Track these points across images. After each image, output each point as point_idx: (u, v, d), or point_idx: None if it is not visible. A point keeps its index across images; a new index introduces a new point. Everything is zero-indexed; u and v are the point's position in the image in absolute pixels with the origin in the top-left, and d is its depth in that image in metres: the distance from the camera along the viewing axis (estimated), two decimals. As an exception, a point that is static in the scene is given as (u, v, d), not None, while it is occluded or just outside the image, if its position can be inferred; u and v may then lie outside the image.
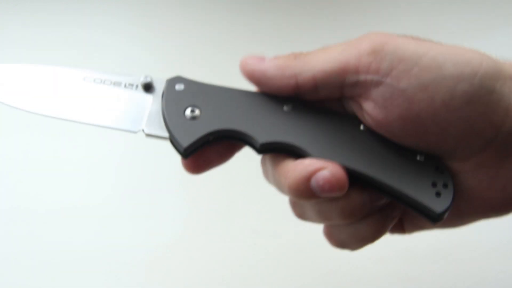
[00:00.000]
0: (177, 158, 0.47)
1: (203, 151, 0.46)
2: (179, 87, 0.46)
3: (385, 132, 0.43)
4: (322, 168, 0.41)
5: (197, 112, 0.45)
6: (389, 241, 0.52)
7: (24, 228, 0.84)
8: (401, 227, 0.50)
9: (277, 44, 1.09)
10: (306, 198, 0.42)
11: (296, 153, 0.44)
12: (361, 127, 0.44)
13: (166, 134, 0.45)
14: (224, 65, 0.83)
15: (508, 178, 0.42)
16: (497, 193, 0.42)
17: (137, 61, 1.06)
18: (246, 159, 0.52)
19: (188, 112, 0.45)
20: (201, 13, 1.19)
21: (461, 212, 0.44)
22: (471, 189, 0.43)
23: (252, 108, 0.45)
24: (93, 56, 1.06)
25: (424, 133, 0.41)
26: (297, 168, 0.42)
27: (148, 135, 0.46)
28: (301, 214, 0.47)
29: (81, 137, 0.95)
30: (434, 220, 0.42)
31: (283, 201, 0.48)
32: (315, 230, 0.51)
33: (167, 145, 0.47)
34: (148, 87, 0.47)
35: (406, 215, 0.48)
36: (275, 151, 0.45)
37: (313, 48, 0.45)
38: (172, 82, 0.46)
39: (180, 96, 0.46)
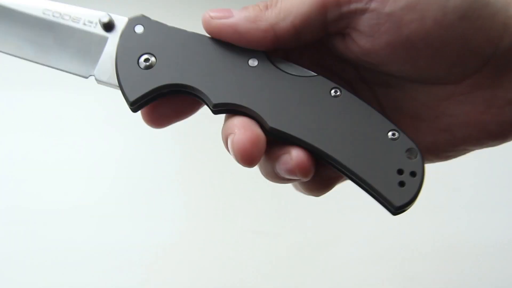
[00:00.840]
0: (177, 158, 0.45)
1: (158, 105, 0.41)
2: (139, 29, 0.41)
3: (374, 60, 0.39)
4: (233, 132, 0.38)
5: (152, 60, 0.40)
6: (389, 241, 0.49)
7: (23, 228, 0.84)
8: None
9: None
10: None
11: (253, 118, 0.39)
12: (332, 92, 0.39)
13: (116, 83, 0.41)
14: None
15: (506, 100, 0.39)
16: (494, 117, 0.39)
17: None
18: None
19: (142, 60, 0.40)
20: (201, 14, 1.19)
21: (455, 139, 0.41)
22: (466, 113, 0.40)
23: (214, 61, 0.40)
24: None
25: (416, 57, 0.38)
26: (223, 125, 0.40)
27: (99, 82, 0.42)
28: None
29: (80, 137, 0.95)
30: (391, 212, 0.37)
31: (283, 201, 0.46)
32: (315, 230, 0.49)
33: (167, 145, 0.45)
34: (108, 26, 0.42)
35: None
36: (230, 113, 0.40)
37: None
38: (133, 22, 0.42)
39: (137, 39, 0.41)
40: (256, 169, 0.46)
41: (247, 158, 0.37)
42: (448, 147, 0.41)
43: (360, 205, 0.86)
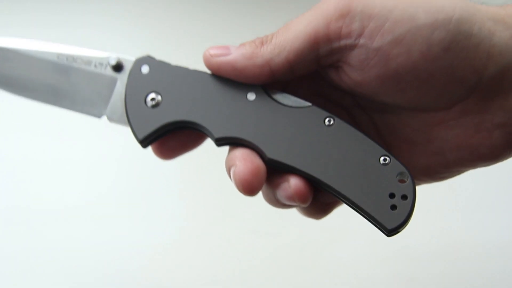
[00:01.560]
0: (176, 159, 0.47)
1: (167, 139, 0.44)
2: (145, 69, 0.44)
3: (365, 91, 0.41)
4: (234, 164, 0.40)
5: (158, 99, 0.43)
6: (389, 241, 0.51)
7: (23, 228, 0.83)
8: None
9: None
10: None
11: (253, 149, 0.42)
12: (326, 121, 0.41)
13: (126, 122, 0.43)
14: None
15: (495, 123, 0.40)
16: (483, 140, 0.41)
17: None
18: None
19: (149, 99, 0.43)
20: (201, 13, 1.17)
21: (447, 162, 0.42)
22: (456, 137, 0.42)
23: (214, 96, 0.42)
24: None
25: (405, 89, 0.40)
26: (226, 157, 0.42)
27: (111, 121, 0.44)
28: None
29: (80, 137, 0.95)
30: (385, 235, 0.39)
31: None
32: (315, 230, 0.50)
33: None
34: (117, 68, 0.44)
35: None
36: (233, 145, 0.42)
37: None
38: (139, 62, 0.44)
39: (144, 79, 0.43)
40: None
41: (248, 188, 0.40)
42: (441, 169, 0.43)
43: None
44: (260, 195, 0.41)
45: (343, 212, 0.48)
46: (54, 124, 0.93)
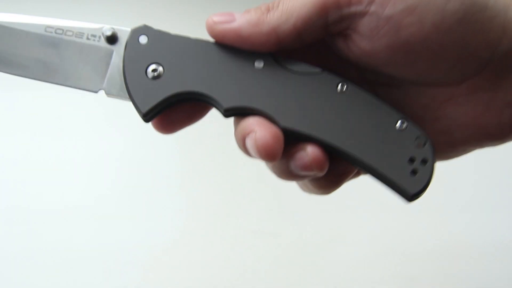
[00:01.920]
0: (177, 158, 0.46)
1: (169, 112, 0.42)
2: (143, 39, 0.41)
3: (374, 62, 0.40)
4: (252, 131, 0.38)
5: (159, 70, 0.41)
6: (389, 241, 0.50)
7: (23, 228, 0.84)
8: None
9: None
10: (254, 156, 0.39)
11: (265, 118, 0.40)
12: (339, 87, 0.40)
13: (127, 95, 0.41)
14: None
15: (506, 102, 0.39)
16: (493, 119, 0.40)
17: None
18: (246, 160, 0.50)
19: (150, 70, 0.41)
20: (201, 14, 1.19)
21: (454, 140, 0.41)
22: (465, 114, 0.40)
23: (220, 66, 0.41)
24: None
25: (415, 60, 0.38)
26: (237, 127, 0.40)
27: (109, 95, 0.42)
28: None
29: (81, 137, 0.95)
30: (407, 200, 0.38)
31: (283, 201, 0.46)
32: (315, 230, 0.49)
33: (167, 144, 0.45)
34: (111, 39, 0.42)
35: None
36: (242, 115, 0.41)
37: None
38: (136, 33, 0.42)
39: (143, 50, 0.41)
40: (255, 169, 0.46)
41: (271, 153, 0.38)
42: (447, 148, 0.42)
43: (360, 205, 0.86)
44: (260, 196, 0.40)
45: (343, 212, 0.46)
46: (54, 124, 0.93)
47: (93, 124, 0.99)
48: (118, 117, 0.87)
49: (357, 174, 0.45)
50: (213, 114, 0.43)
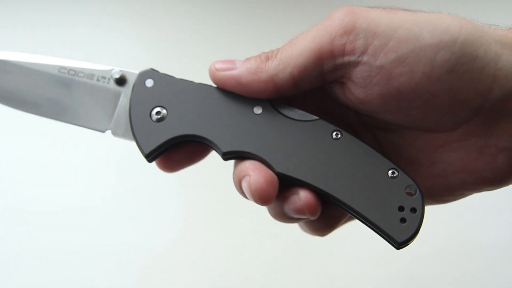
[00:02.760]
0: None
1: (171, 152, 0.44)
2: (149, 83, 0.43)
3: (369, 109, 0.41)
4: (247, 175, 0.40)
5: (163, 112, 0.42)
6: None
7: (23, 228, 0.85)
8: None
9: (277, 43, 1.08)
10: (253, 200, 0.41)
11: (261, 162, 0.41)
12: (333, 135, 0.41)
13: (132, 136, 0.43)
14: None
15: (499, 147, 0.39)
16: (487, 164, 0.40)
17: (137, 61, 1.05)
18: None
19: (154, 113, 0.42)
20: (201, 13, 1.17)
21: (450, 184, 0.42)
22: (460, 160, 0.41)
23: (221, 110, 0.42)
24: (93, 56, 1.06)
25: (407, 108, 0.39)
26: (235, 170, 0.41)
27: (115, 135, 0.44)
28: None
29: (81, 138, 0.95)
30: (395, 247, 0.40)
31: None
32: None
33: None
34: (120, 82, 0.44)
35: None
36: (239, 159, 0.42)
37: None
38: (143, 76, 0.44)
39: (148, 93, 0.43)
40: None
41: (264, 197, 0.39)
42: (444, 192, 0.43)
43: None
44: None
45: None
46: (54, 126, 0.93)
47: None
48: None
49: (351, 218, 0.46)
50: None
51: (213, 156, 0.54)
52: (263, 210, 0.89)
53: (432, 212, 0.92)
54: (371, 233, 0.43)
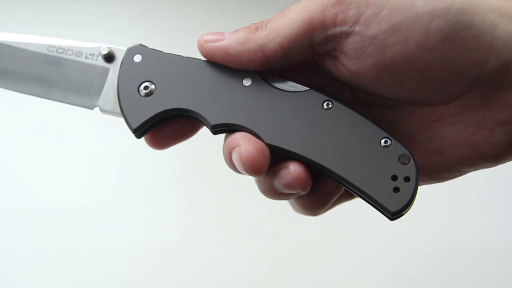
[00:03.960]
0: (177, 159, 0.46)
1: (161, 128, 0.43)
2: (138, 58, 0.43)
3: (362, 82, 0.40)
4: (238, 145, 0.39)
5: (151, 87, 0.42)
6: (389, 241, 0.49)
7: (23, 228, 0.85)
8: None
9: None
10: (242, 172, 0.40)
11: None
12: (325, 105, 0.40)
13: (120, 112, 0.43)
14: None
15: (496, 121, 0.38)
16: (485, 138, 0.39)
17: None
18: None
19: (142, 88, 0.42)
20: (201, 13, 1.18)
21: (447, 160, 0.40)
22: (457, 134, 0.40)
23: (210, 83, 0.42)
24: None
25: (402, 79, 0.38)
26: (224, 143, 0.41)
27: (103, 112, 0.44)
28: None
29: (81, 137, 0.95)
30: (389, 218, 0.38)
31: (283, 201, 0.46)
32: (315, 230, 0.49)
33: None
34: (108, 58, 0.44)
35: None
36: (229, 132, 0.41)
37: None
38: (131, 52, 0.43)
39: (136, 69, 0.43)
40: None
41: (255, 167, 0.38)
42: (441, 169, 0.41)
43: (360, 205, 0.86)
44: (261, 197, 0.40)
45: (343, 213, 0.46)
46: (54, 125, 0.94)
47: (93, 124, 0.99)
48: (118, 117, 0.88)
49: (346, 197, 0.45)
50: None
51: (213, 156, 0.54)
52: (263, 210, 0.89)
53: (432, 212, 0.91)
54: (371, 233, 0.41)
